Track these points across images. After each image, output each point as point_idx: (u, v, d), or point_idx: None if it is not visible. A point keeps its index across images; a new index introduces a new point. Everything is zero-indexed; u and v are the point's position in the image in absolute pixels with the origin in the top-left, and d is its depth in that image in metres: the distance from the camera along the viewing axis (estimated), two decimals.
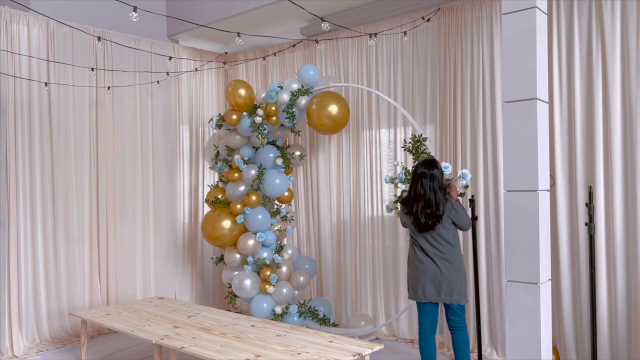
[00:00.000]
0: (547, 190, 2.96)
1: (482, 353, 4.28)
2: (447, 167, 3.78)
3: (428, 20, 4.67)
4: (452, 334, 3.62)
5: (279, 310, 4.95)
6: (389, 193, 5.08)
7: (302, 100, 4.85)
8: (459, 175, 3.78)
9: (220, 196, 5.30)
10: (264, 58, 6.05)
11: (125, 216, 5.58)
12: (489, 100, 4.40)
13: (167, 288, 5.94)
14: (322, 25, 3.97)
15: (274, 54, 5.91)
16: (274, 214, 5.18)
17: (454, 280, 3.49)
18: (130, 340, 5.11)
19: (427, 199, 3.47)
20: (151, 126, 5.83)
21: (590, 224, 3.69)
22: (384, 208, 5.05)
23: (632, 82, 3.73)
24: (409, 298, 3.67)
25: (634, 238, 3.72)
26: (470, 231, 4.26)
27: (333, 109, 4.74)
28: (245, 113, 5.08)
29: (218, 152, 5.45)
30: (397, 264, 5.00)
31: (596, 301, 3.76)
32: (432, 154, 4.05)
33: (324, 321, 5.06)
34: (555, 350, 3.96)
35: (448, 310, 3.59)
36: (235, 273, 5.23)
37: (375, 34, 4.70)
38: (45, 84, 4.99)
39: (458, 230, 3.65)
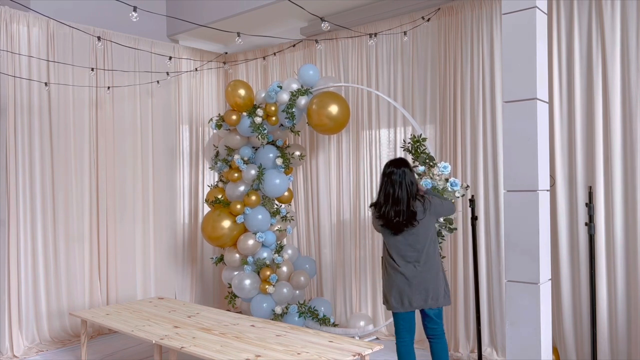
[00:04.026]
0: (547, 190, 2.96)
1: (482, 353, 4.28)
2: (446, 167, 3.77)
3: (428, 20, 4.67)
4: (430, 342, 3.45)
5: (279, 310, 4.95)
6: None
7: (302, 100, 4.85)
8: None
9: (220, 196, 5.30)
10: (264, 58, 6.05)
11: (125, 216, 5.58)
12: (489, 100, 4.40)
13: (167, 288, 5.94)
14: (322, 25, 3.97)
15: (274, 54, 5.91)
16: (274, 214, 5.18)
17: (430, 284, 3.30)
18: (130, 340, 5.11)
19: (396, 197, 3.27)
20: (151, 126, 5.83)
21: (590, 224, 3.69)
22: None
23: (632, 82, 3.73)
24: (393, 310, 3.38)
25: (634, 238, 3.72)
26: (470, 231, 4.26)
27: (333, 109, 4.74)
28: (245, 113, 5.08)
29: (218, 152, 5.45)
30: None
31: (596, 301, 3.76)
32: (432, 154, 4.05)
33: (324, 321, 5.06)
34: (555, 351, 3.96)
35: (425, 317, 3.42)
36: (235, 273, 5.23)
37: (375, 34, 4.70)
38: (45, 84, 4.99)
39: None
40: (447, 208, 3.48)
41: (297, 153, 5.23)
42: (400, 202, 3.27)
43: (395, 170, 3.34)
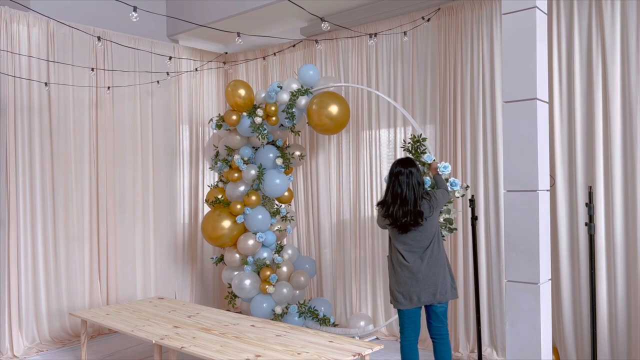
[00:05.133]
0: (547, 190, 2.96)
1: (482, 353, 4.28)
2: (446, 167, 3.78)
3: (428, 20, 4.67)
4: (434, 343, 3.43)
5: (279, 310, 4.95)
6: None
7: (302, 100, 4.85)
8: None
9: (220, 196, 5.30)
10: (264, 58, 6.05)
11: (125, 216, 5.58)
12: (489, 100, 4.40)
13: (167, 288, 5.94)
14: (322, 25, 3.97)
15: (274, 54, 5.91)
16: (274, 214, 5.18)
17: (438, 279, 3.32)
18: (130, 340, 5.11)
19: (403, 197, 3.28)
20: (151, 126, 5.83)
21: (590, 224, 3.69)
22: None
23: (632, 82, 3.73)
24: (401, 308, 3.38)
25: (634, 238, 3.72)
26: (470, 231, 4.25)
27: (333, 109, 4.74)
28: (245, 113, 5.08)
29: (218, 152, 5.45)
30: None
31: (596, 301, 3.76)
32: (432, 154, 4.05)
33: (324, 321, 5.06)
34: (555, 350, 3.96)
35: (430, 315, 3.43)
36: (235, 273, 5.23)
37: (375, 34, 4.70)
38: (45, 84, 4.99)
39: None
40: (445, 196, 3.51)
41: (297, 153, 5.23)
42: (408, 202, 3.30)
43: (402, 170, 3.36)
